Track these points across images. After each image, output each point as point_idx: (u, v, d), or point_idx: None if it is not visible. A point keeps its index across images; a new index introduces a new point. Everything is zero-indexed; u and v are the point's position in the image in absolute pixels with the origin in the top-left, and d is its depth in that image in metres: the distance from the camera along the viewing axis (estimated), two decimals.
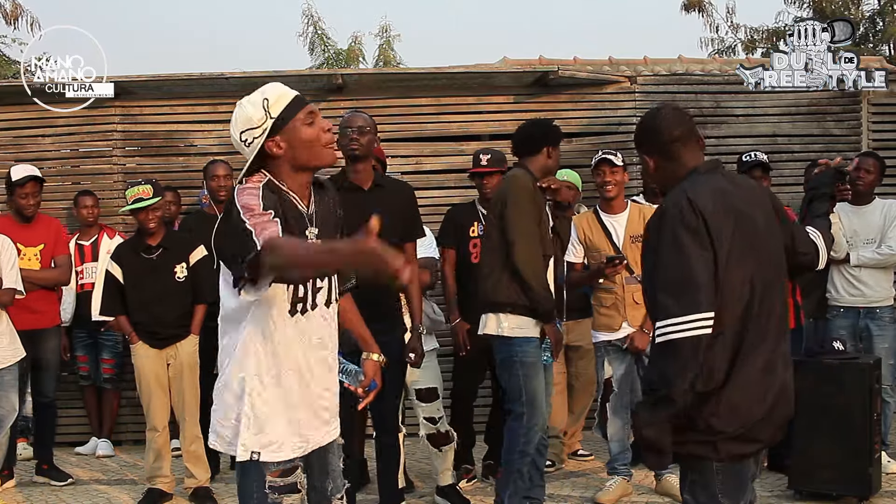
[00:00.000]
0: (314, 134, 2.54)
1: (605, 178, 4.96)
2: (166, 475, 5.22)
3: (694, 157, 2.76)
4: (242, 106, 2.59)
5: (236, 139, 2.61)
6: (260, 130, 2.54)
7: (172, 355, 5.19)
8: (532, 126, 4.63)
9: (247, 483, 2.62)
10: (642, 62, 7.58)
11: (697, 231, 2.51)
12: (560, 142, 4.56)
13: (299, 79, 6.96)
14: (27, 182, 5.62)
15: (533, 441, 4.37)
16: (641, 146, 2.85)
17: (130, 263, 5.17)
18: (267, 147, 2.54)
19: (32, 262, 5.64)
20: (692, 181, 2.66)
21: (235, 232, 2.37)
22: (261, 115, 2.53)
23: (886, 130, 7.13)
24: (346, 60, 18.76)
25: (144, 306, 5.16)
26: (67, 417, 6.55)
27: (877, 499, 4.86)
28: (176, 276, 5.20)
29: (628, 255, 4.90)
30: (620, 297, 4.90)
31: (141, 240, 5.22)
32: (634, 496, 5.10)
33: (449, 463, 5.07)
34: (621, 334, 4.92)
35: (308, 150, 2.55)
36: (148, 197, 5.05)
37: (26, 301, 5.37)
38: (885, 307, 5.50)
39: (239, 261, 2.36)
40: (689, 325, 2.44)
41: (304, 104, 2.56)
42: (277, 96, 2.55)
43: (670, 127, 2.77)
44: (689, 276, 2.48)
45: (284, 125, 2.53)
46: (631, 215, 5.01)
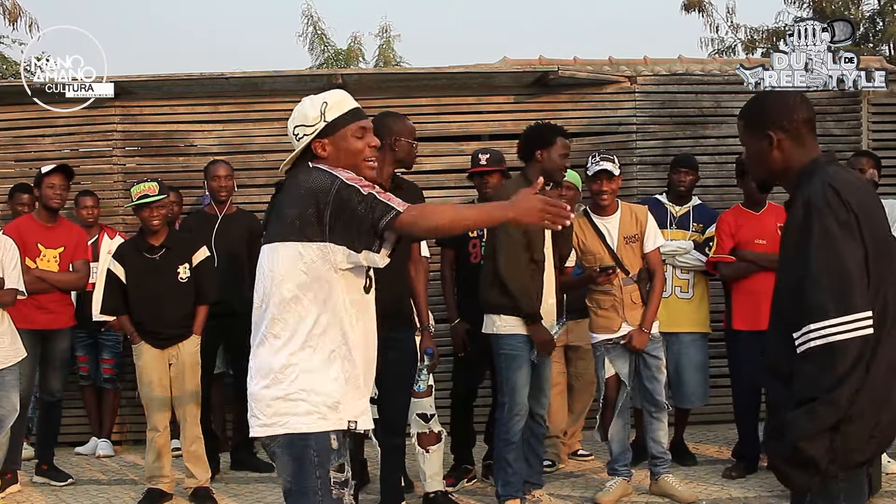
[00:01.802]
0: (361, 147, 2.73)
1: (602, 187, 4.96)
2: (166, 475, 5.22)
3: (815, 146, 2.57)
4: (303, 103, 2.76)
5: (290, 130, 2.77)
6: (311, 129, 2.70)
7: (174, 355, 5.19)
8: (525, 133, 4.82)
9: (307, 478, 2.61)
10: (642, 62, 7.58)
11: (849, 225, 2.32)
12: (552, 141, 4.62)
13: (299, 79, 6.97)
14: (55, 173, 5.66)
15: (514, 429, 4.61)
16: (763, 124, 2.56)
17: (133, 263, 5.17)
18: (313, 146, 2.71)
19: (51, 263, 5.66)
20: (828, 172, 2.43)
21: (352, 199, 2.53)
22: (315, 116, 2.71)
23: (886, 130, 7.13)
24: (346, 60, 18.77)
25: (147, 306, 5.16)
26: (67, 417, 6.53)
27: (877, 499, 4.87)
28: (179, 277, 5.19)
29: (623, 256, 4.92)
30: (619, 299, 4.90)
31: (143, 239, 5.21)
32: (634, 496, 5.09)
33: (437, 467, 4.99)
34: (622, 334, 4.93)
35: (351, 159, 2.71)
36: (153, 194, 5.05)
37: (42, 301, 5.41)
38: None
39: (376, 220, 2.51)
40: (853, 326, 2.26)
41: (359, 118, 2.75)
42: (337, 102, 2.74)
43: (804, 106, 2.57)
44: (845, 274, 2.29)
45: (335, 131, 2.70)
46: (623, 216, 5.00)
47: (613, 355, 4.99)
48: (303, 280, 2.61)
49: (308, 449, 2.60)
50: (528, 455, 4.79)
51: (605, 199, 4.98)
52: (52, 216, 5.73)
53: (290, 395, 2.62)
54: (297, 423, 2.61)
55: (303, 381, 2.62)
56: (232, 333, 5.81)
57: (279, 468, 2.69)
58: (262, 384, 2.66)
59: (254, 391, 2.70)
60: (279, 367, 2.64)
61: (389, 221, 2.51)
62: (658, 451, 5.04)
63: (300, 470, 2.61)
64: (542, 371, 4.77)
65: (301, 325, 2.63)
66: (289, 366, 2.63)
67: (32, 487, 5.67)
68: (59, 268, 5.70)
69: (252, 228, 6.11)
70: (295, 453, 2.62)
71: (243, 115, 6.95)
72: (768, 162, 2.57)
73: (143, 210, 5.08)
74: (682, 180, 5.69)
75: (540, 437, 4.88)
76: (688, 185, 5.73)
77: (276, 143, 6.86)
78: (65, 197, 5.81)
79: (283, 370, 2.63)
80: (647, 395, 5.00)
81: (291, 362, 2.63)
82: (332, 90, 2.79)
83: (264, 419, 2.65)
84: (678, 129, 7.02)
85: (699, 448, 6.10)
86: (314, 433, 2.61)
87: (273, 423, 2.63)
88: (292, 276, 2.61)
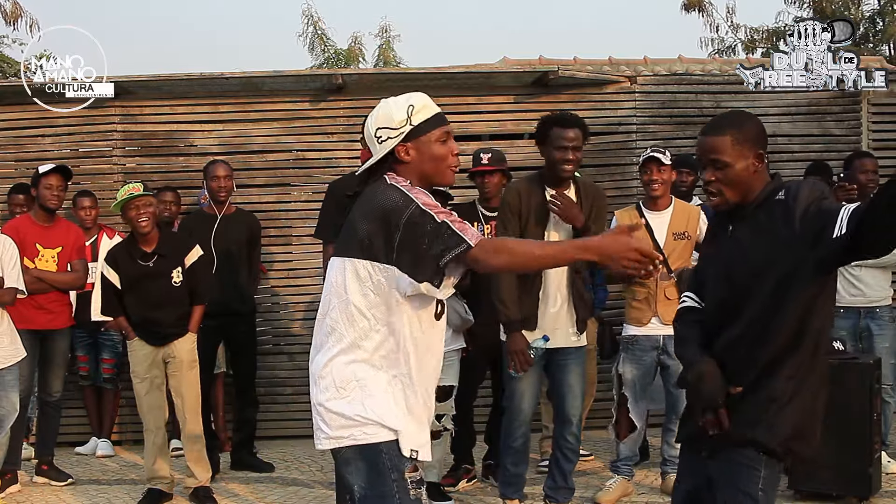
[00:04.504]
0: (445, 153, 2.65)
1: (652, 175, 4.91)
2: (166, 475, 5.22)
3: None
4: (387, 104, 2.66)
5: (370, 134, 2.66)
6: (397, 132, 2.61)
7: (170, 353, 5.18)
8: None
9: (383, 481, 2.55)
10: (642, 62, 7.59)
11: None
12: (546, 134, 4.47)
13: (299, 79, 6.96)
14: (52, 173, 5.65)
15: (514, 435, 4.51)
16: (757, 144, 2.76)
17: (127, 270, 5.12)
18: (397, 151, 2.62)
19: (49, 263, 5.66)
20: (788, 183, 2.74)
21: (425, 226, 2.44)
22: (402, 118, 2.61)
23: (886, 130, 7.13)
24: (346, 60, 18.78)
25: (142, 311, 5.14)
26: (67, 417, 6.53)
27: (877, 499, 4.87)
28: (173, 281, 5.15)
29: (668, 252, 4.86)
30: (653, 292, 4.87)
31: (136, 245, 5.14)
32: (634, 496, 5.10)
33: (434, 460, 5.05)
34: (649, 331, 4.89)
35: (435, 165, 2.64)
36: (138, 192, 5.00)
37: (41, 301, 5.40)
38: (884, 307, 5.51)
39: (441, 254, 2.43)
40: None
41: (443, 123, 2.67)
42: (423, 106, 2.64)
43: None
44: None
45: (420, 135, 2.62)
46: (675, 212, 4.96)
47: (628, 356, 4.95)
48: (370, 299, 2.55)
49: (380, 454, 2.55)
50: (552, 467, 4.65)
51: (657, 189, 4.91)
52: (49, 216, 5.73)
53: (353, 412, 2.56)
54: (363, 437, 2.56)
55: (365, 401, 2.56)
56: (231, 333, 5.82)
57: (352, 477, 2.59)
58: (325, 396, 2.60)
59: (317, 400, 2.64)
60: (340, 379, 2.58)
61: (458, 255, 2.43)
62: (670, 455, 5.00)
63: (376, 475, 2.55)
64: (563, 377, 4.52)
65: (364, 342, 2.57)
66: (351, 380, 2.57)
67: (32, 487, 5.66)
68: (57, 268, 5.69)
69: (251, 228, 6.12)
70: (368, 458, 2.56)
71: (243, 115, 6.94)
72: (750, 180, 2.74)
73: (129, 210, 5.01)
74: (682, 180, 5.69)
75: (567, 452, 4.57)
76: (688, 186, 5.73)
77: (276, 143, 6.87)
78: (62, 197, 5.80)
79: (345, 384, 2.57)
80: (671, 402, 4.94)
81: (355, 377, 2.57)
82: (414, 93, 2.69)
83: (329, 431, 2.59)
84: (678, 129, 7.02)
85: None
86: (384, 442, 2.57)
87: (339, 436, 2.58)
88: (359, 294, 2.55)
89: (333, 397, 2.58)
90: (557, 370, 4.55)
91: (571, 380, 4.53)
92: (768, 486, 2.70)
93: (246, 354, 6.04)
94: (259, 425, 6.16)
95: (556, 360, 4.53)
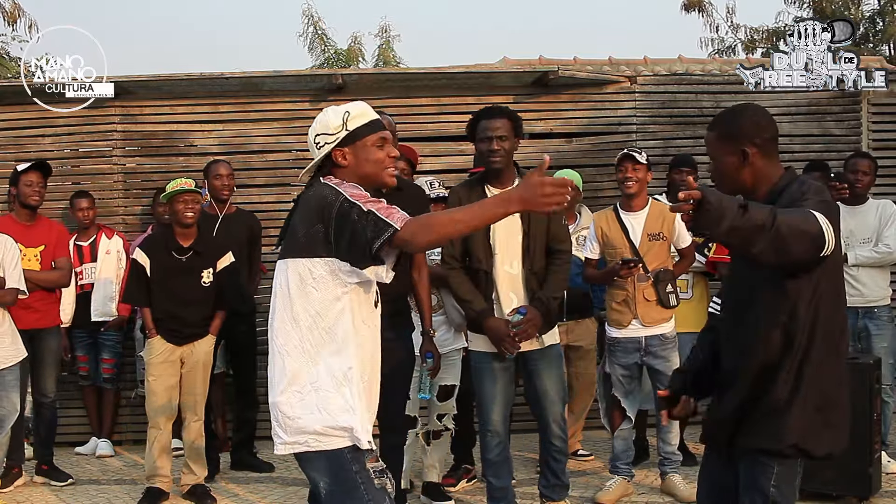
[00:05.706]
0: (381, 156, 2.76)
1: (627, 173, 4.93)
2: (166, 474, 5.22)
3: (780, 162, 2.76)
4: (326, 112, 2.80)
5: (310, 139, 2.80)
6: (333, 137, 2.74)
7: (188, 353, 5.20)
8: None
9: (347, 476, 2.62)
10: (642, 62, 7.59)
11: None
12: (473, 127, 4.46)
13: (299, 79, 6.96)
14: (32, 170, 5.63)
15: (488, 446, 4.41)
16: (738, 139, 2.71)
17: (160, 260, 5.16)
18: (334, 155, 2.74)
19: (33, 262, 5.63)
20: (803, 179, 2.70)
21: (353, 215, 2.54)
22: (338, 124, 2.74)
23: (886, 130, 7.13)
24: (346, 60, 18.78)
25: (167, 305, 5.17)
26: (67, 417, 6.55)
27: (877, 499, 4.87)
28: (202, 281, 5.20)
29: (644, 253, 4.87)
30: (631, 295, 4.88)
31: (173, 237, 5.20)
32: (634, 496, 5.10)
33: (434, 460, 5.08)
34: (630, 333, 4.90)
35: (371, 168, 2.76)
36: (190, 187, 5.08)
37: (27, 301, 5.36)
38: (882, 307, 5.51)
39: (370, 241, 2.51)
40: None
41: (379, 129, 2.78)
42: (359, 113, 2.77)
43: (772, 123, 2.74)
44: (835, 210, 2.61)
45: (356, 140, 2.74)
46: (651, 213, 4.97)
47: (611, 356, 4.99)
48: (314, 297, 2.63)
49: (341, 451, 2.63)
50: (543, 468, 4.59)
51: (631, 187, 4.92)
52: (31, 214, 5.69)
53: (308, 419, 2.62)
54: (317, 444, 2.63)
55: (318, 401, 2.63)
56: (232, 333, 5.81)
57: (316, 475, 2.66)
58: (282, 398, 2.67)
59: (273, 401, 2.71)
60: (293, 381, 2.65)
61: (386, 240, 2.51)
62: (666, 452, 5.04)
63: (339, 469, 2.62)
64: (536, 383, 4.40)
65: (309, 340, 2.65)
66: (303, 383, 2.64)
67: (32, 487, 5.66)
68: (40, 266, 5.65)
69: (252, 228, 6.13)
70: (328, 456, 2.63)
71: (243, 115, 6.94)
72: (738, 176, 2.73)
73: (177, 203, 5.08)
74: (682, 180, 5.69)
75: (555, 454, 4.47)
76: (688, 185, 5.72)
77: (275, 143, 6.87)
78: (43, 194, 5.75)
79: (300, 387, 2.65)
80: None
81: (305, 380, 2.64)
82: (354, 102, 2.84)
83: (285, 437, 2.67)
84: (678, 129, 7.02)
85: (699, 448, 6.07)
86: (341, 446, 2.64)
87: (294, 441, 2.65)
88: (303, 293, 2.64)
89: (288, 401, 2.66)
90: (528, 378, 4.45)
91: (545, 385, 4.39)
92: (782, 482, 2.70)
93: (246, 354, 6.05)
94: (259, 425, 6.15)
95: (526, 368, 4.44)
